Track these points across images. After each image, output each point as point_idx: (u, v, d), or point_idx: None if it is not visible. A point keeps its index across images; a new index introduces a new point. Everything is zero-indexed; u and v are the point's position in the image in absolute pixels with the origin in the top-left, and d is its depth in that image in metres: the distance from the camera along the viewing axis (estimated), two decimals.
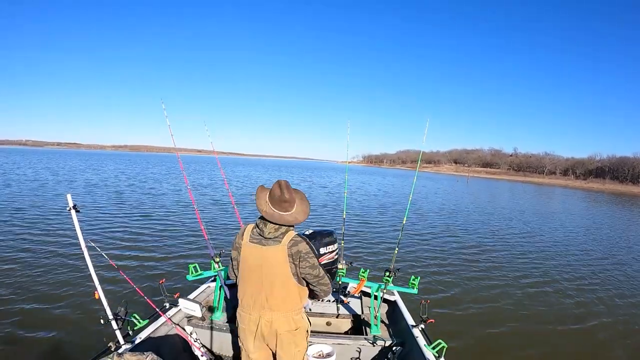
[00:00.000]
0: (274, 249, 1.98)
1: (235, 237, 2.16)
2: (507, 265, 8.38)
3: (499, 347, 4.65)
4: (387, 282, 3.27)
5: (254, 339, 2.08)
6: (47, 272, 5.90)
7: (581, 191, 60.02)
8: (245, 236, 2.06)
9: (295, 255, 1.98)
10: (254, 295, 2.03)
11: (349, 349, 2.98)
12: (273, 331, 2.04)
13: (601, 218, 21.11)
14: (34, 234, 8.25)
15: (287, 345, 2.07)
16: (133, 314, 2.63)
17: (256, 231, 2.04)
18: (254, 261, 2.02)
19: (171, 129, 3.88)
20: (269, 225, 2.00)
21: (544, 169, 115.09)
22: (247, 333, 2.09)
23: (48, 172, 27.60)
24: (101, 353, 2.31)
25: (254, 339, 2.08)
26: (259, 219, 2.07)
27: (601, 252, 10.82)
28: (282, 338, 2.05)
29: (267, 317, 2.03)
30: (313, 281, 2.08)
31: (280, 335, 2.04)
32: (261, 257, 1.99)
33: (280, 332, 2.04)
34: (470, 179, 70.80)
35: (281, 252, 1.97)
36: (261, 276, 2.01)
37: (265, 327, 2.03)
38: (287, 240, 1.98)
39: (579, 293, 6.82)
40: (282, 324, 2.04)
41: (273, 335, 2.05)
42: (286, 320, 2.05)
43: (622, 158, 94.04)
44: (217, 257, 3.45)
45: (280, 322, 2.04)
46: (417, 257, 8.38)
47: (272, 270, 1.99)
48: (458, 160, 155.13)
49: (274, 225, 2.00)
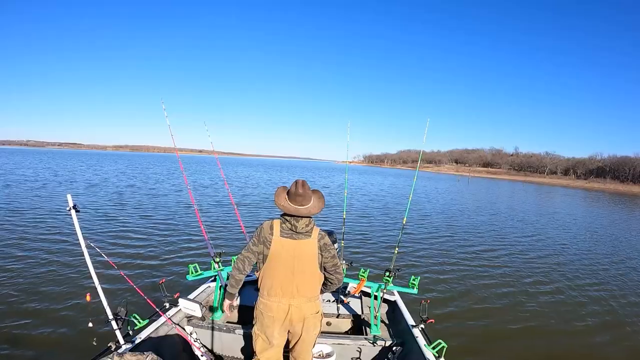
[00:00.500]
0: (306, 242, 2.24)
1: (257, 231, 2.29)
2: (507, 265, 8.36)
3: (499, 347, 4.64)
4: (387, 282, 3.27)
5: (281, 325, 2.27)
6: (47, 272, 5.90)
7: (582, 191, 59.93)
8: (275, 231, 2.24)
9: (323, 247, 2.28)
10: (284, 285, 2.23)
11: (349, 349, 2.99)
12: (302, 316, 2.26)
13: (602, 217, 21.08)
14: (34, 233, 8.26)
15: (311, 327, 2.31)
16: (133, 314, 2.63)
17: (286, 227, 2.23)
18: (287, 253, 2.22)
19: (171, 129, 3.89)
20: (302, 221, 2.22)
21: (545, 169, 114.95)
22: (275, 320, 2.26)
23: (48, 172, 27.63)
24: (101, 353, 2.32)
25: (281, 325, 2.27)
26: (284, 216, 2.27)
27: (603, 251, 10.79)
28: (308, 322, 2.29)
29: (296, 303, 2.24)
30: (332, 269, 2.34)
31: (307, 319, 2.28)
32: (294, 250, 2.22)
33: (307, 315, 2.27)
34: (471, 178, 70.77)
35: (313, 245, 2.25)
36: (293, 266, 2.22)
37: (295, 313, 2.25)
38: (315, 234, 2.27)
39: (580, 293, 6.81)
40: (310, 308, 2.29)
41: (301, 319, 2.27)
42: (313, 304, 2.31)
43: (623, 158, 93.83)
44: (217, 257, 3.46)
45: (308, 306, 2.28)
46: (417, 257, 8.37)
47: (304, 260, 2.24)
48: (459, 160, 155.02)
49: (305, 220, 2.23)
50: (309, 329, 2.31)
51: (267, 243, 2.24)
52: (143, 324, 2.65)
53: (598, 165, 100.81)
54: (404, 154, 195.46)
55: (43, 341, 4.01)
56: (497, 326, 5.19)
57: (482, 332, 4.96)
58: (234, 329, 3.10)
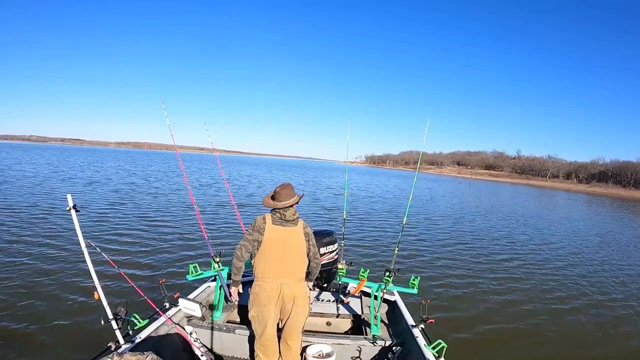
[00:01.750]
0: (293, 229, 2.62)
1: (252, 223, 2.63)
2: (507, 265, 8.36)
3: (499, 347, 4.63)
4: (387, 282, 3.26)
5: (275, 303, 2.55)
6: (47, 272, 5.88)
7: (584, 195, 59.73)
8: (268, 221, 2.59)
9: (306, 234, 2.68)
10: (277, 266, 2.55)
11: (349, 349, 2.98)
12: (292, 294, 2.57)
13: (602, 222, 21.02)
14: (33, 233, 8.22)
15: (301, 308, 2.61)
16: (133, 314, 2.63)
17: (276, 216, 2.60)
18: (278, 239, 2.57)
19: (171, 128, 3.91)
20: (289, 211, 2.61)
21: (547, 172, 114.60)
22: (270, 299, 2.54)
23: (49, 169, 27.67)
24: (101, 353, 2.32)
25: (275, 304, 2.55)
26: (273, 210, 2.65)
27: (601, 255, 10.75)
28: (297, 301, 2.59)
29: (287, 282, 2.56)
30: (313, 256, 2.73)
31: (297, 298, 2.59)
32: (284, 235, 2.58)
33: (297, 295, 2.59)
34: (473, 181, 70.67)
35: (299, 231, 2.64)
36: (284, 250, 2.57)
37: (286, 291, 2.55)
38: (301, 224, 2.67)
39: (581, 293, 6.78)
40: (299, 289, 2.61)
41: (291, 298, 2.57)
42: (302, 285, 2.64)
43: (625, 162, 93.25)
44: (217, 257, 3.46)
45: (298, 286, 2.61)
46: (417, 257, 8.37)
47: (293, 245, 2.60)
48: (461, 162, 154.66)
49: (292, 210, 2.63)
50: (299, 310, 2.59)
51: (261, 230, 2.56)
52: (143, 323, 2.65)
53: (600, 169, 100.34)
54: (406, 155, 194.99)
55: (43, 341, 4.01)
56: (498, 326, 5.18)
57: (483, 332, 4.96)
58: (234, 329, 3.10)
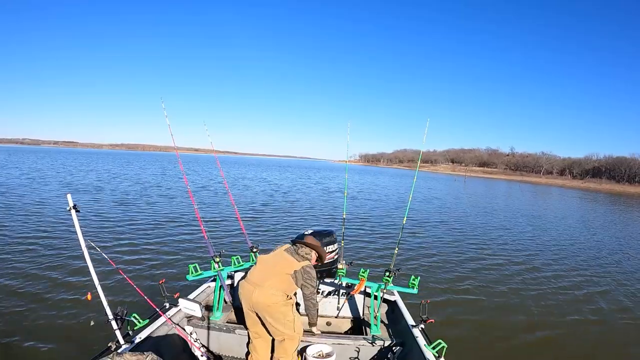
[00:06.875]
0: (294, 259, 2.87)
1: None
2: (507, 265, 8.40)
3: (499, 347, 4.66)
4: (387, 282, 3.27)
5: (248, 307, 2.79)
6: (47, 272, 5.87)
7: (578, 191, 60.22)
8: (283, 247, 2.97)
9: (306, 272, 2.85)
10: (258, 274, 2.79)
11: (349, 349, 2.99)
12: (257, 301, 2.71)
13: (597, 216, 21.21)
14: (33, 234, 8.20)
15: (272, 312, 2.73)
16: (133, 314, 2.62)
17: (292, 248, 2.97)
18: (276, 256, 2.92)
19: (171, 128, 3.88)
20: (303, 249, 2.95)
21: (541, 169, 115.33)
22: (244, 301, 2.78)
23: (48, 171, 27.45)
24: (101, 353, 2.31)
25: (248, 307, 2.79)
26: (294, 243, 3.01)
27: (604, 251, 10.86)
28: (268, 309, 2.72)
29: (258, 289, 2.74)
30: (309, 295, 2.92)
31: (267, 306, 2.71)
32: (283, 258, 2.88)
33: (267, 303, 2.70)
34: (468, 178, 70.96)
35: (298, 264, 2.85)
36: (274, 266, 2.82)
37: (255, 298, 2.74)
38: (305, 263, 2.89)
39: (581, 293, 6.84)
40: (268, 297, 2.72)
41: (258, 303, 2.73)
42: (271, 293, 2.72)
43: (618, 158, 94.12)
44: (217, 257, 3.44)
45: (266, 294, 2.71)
46: (417, 257, 8.39)
47: (284, 265, 2.80)
48: (455, 159, 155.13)
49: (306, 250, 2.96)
50: (271, 312, 2.70)
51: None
52: (143, 324, 2.64)
53: (594, 165, 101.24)
54: (400, 154, 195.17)
55: (43, 341, 3.99)
56: (498, 326, 5.21)
57: (483, 332, 4.98)
58: (234, 329, 3.10)
